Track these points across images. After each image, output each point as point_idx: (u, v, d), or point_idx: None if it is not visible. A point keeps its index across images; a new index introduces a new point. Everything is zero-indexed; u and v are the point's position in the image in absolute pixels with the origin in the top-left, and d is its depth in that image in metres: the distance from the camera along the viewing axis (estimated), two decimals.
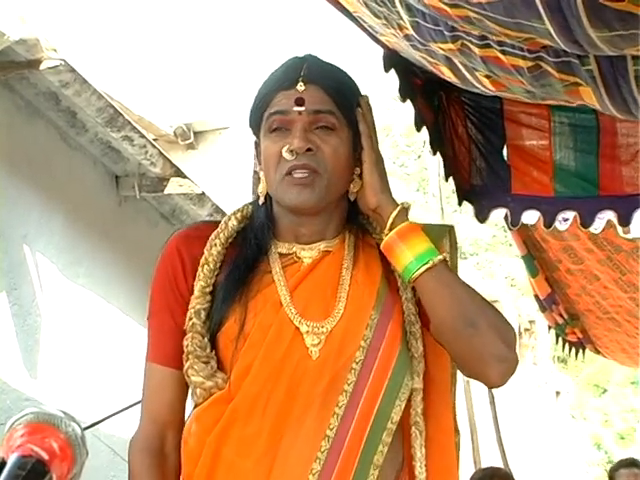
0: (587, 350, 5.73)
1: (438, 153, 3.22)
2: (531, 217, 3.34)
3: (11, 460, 1.17)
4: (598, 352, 5.80)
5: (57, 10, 6.81)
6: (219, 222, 2.02)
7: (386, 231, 1.94)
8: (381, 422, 1.89)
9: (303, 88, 1.92)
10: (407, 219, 1.95)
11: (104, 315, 5.73)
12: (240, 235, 2.00)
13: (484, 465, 6.76)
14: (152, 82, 7.77)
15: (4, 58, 4.58)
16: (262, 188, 1.98)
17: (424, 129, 3.12)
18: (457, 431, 2.01)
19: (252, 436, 1.85)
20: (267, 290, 1.91)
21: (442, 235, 2.03)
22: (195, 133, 7.51)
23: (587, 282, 4.81)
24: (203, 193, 5.99)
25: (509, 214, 3.22)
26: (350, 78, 2.04)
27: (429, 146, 3.26)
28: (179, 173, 5.77)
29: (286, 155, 1.90)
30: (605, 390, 20.35)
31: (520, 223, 3.31)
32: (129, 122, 5.34)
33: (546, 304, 5.14)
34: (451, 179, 3.26)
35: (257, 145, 2.01)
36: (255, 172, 2.07)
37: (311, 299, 1.92)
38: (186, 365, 1.90)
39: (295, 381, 1.86)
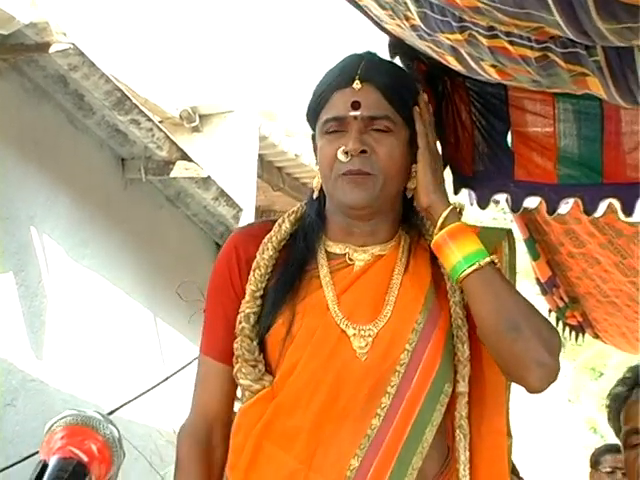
0: (586, 335, 5.75)
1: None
2: (533, 203, 3.35)
3: (52, 462, 1.18)
4: (597, 337, 5.82)
5: None
6: (276, 221, 2.03)
7: (436, 230, 1.97)
8: (421, 425, 1.93)
9: (359, 87, 1.94)
10: (458, 219, 1.99)
11: (109, 296, 5.78)
12: (293, 237, 2.03)
13: None
14: (158, 65, 7.79)
15: (14, 41, 4.63)
16: (317, 182, 2.01)
17: None
18: (509, 434, 2.02)
19: (294, 429, 1.90)
20: (315, 294, 1.95)
21: (500, 238, 2.07)
22: (201, 116, 7.50)
23: (588, 265, 4.83)
24: (208, 177, 6.04)
25: (510, 200, 3.23)
26: (407, 76, 2.06)
27: None
28: (185, 157, 5.81)
29: (341, 157, 1.92)
30: (602, 374, 20.34)
31: (522, 209, 3.32)
32: (136, 105, 5.38)
33: (547, 287, 5.15)
34: (448, 168, 3.27)
35: (314, 139, 2.02)
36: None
37: (359, 303, 1.95)
38: (235, 368, 1.97)
39: (340, 381, 1.91)
